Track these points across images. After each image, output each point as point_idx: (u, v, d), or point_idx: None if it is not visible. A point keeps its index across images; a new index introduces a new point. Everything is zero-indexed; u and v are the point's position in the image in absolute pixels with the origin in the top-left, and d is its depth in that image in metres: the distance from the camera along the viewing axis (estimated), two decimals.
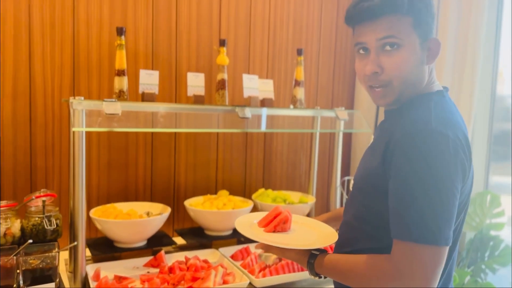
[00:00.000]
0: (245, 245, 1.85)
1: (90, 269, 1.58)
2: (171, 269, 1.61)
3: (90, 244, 1.75)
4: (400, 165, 0.88)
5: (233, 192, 2.17)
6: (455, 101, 2.02)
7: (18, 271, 1.31)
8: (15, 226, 1.44)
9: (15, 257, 1.29)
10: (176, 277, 1.54)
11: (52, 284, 1.29)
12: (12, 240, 1.44)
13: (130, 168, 2.00)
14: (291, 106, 1.98)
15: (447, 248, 0.86)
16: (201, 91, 1.77)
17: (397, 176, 0.89)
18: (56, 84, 1.80)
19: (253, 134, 2.27)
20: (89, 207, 1.81)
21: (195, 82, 1.77)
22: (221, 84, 1.77)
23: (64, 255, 1.70)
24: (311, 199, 2.13)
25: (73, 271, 1.51)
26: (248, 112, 1.65)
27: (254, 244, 1.86)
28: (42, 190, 1.52)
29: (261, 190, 2.14)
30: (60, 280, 1.40)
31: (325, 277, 1.07)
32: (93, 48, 1.86)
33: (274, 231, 1.18)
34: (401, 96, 0.99)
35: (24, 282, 1.31)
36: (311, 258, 1.04)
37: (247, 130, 1.89)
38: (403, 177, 0.87)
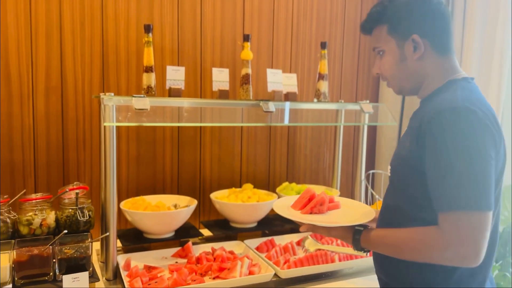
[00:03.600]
0: (269, 238, 1.88)
1: (121, 259, 1.63)
2: (198, 260, 1.66)
3: (120, 235, 1.81)
4: (434, 143, 0.94)
5: (257, 186, 2.20)
6: (483, 90, 1.99)
7: (54, 260, 1.37)
8: (50, 217, 1.51)
9: (51, 247, 1.36)
10: (203, 267, 1.58)
11: (86, 273, 1.34)
12: (48, 231, 1.50)
13: (158, 162, 2.05)
14: (315, 100, 1.99)
15: (491, 213, 0.91)
16: (225, 86, 1.80)
17: (433, 153, 0.95)
18: (86, 80, 1.87)
19: (276, 128, 2.29)
20: (119, 199, 1.88)
21: (220, 77, 1.79)
22: (245, 79, 1.79)
23: (95, 246, 1.77)
24: (335, 193, 2.14)
25: (105, 261, 1.57)
26: (272, 106, 1.67)
27: (278, 237, 1.89)
28: (75, 183, 1.58)
29: (285, 184, 2.16)
30: (93, 269, 1.46)
31: (368, 251, 1.13)
32: (121, 45, 1.91)
33: (311, 213, 1.22)
34: (406, 86, 1.14)
35: (59, 270, 1.37)
36: (356, 234, 1.11)
37: (271, 124, 1.91)
38: (439, 153, 0.93)
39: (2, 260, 1.30)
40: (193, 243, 1.80)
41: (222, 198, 2.00)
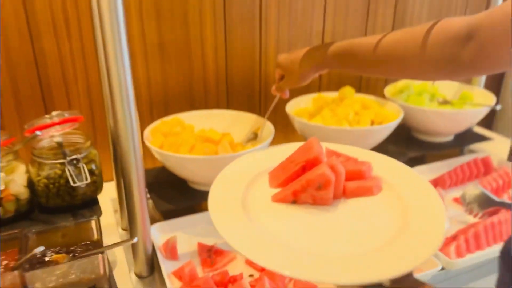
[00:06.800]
0: None
1: (156, 233, 0.93)
2: None
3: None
4: None
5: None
6: None
7: None
8: (17, 182, 0.75)
9: (18, 271, 0.62)
10: None
11: None
12: (16, 208, 0.76)
13: (194, 53, 1.22)
14: None
15: None
16: None
17: None
18: None
19: None
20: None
21: None
22: None
23: (110, 193, 1.02)
24: (489, 98, 1.31)
25: (133, 254, 0.85)
26: None
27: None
28: (56, 112, 0.79)
29: (403, 83, 1.35)
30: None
31: None
32: None
33: (293, 202, 0.58)
34: None
35: None
36: None
37: None
38: None
39: None
40: None
41: (302, 114, 1.21)
